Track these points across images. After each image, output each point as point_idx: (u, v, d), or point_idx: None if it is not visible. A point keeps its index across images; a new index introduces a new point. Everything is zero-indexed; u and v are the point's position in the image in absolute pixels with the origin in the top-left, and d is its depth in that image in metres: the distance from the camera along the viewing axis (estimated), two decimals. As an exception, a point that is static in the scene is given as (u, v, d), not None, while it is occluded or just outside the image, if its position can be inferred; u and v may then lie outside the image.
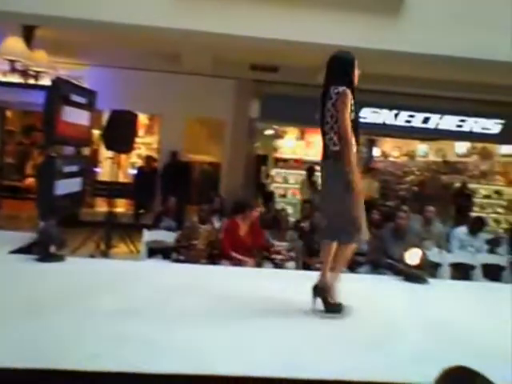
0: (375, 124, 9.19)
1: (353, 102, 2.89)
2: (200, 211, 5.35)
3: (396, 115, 9.16)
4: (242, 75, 8.64)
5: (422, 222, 5.86)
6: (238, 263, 4.72)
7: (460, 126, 9.32)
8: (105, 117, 7.21)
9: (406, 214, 5.20)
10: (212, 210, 5.82)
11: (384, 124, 9.22)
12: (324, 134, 2.99)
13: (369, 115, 9.13)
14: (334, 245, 2.98)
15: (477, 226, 5.97)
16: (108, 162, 7.67)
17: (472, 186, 10.03)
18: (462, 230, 5.95)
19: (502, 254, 5.74)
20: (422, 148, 11.36)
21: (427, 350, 2.53)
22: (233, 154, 9.07)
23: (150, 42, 7.10)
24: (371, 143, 10.94)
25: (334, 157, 2.88)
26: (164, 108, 8.81)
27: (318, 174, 10.50)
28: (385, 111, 9.15)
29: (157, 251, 5.14)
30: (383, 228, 5.56)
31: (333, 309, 2.92)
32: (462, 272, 5.19)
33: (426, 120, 9.22)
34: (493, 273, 5.28)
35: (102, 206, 8.78)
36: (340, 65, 3.01)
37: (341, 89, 2.87)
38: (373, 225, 6.28)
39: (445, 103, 8.90)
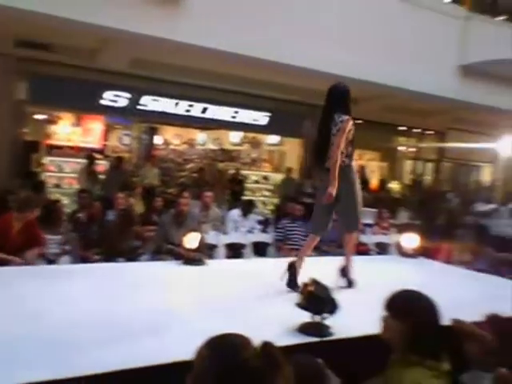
0: (155, 112, 9.27)
1: (353, 127, 3.55)
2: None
3: (176, 104, 9.39)
4: (3, 51, 7.60)
5: (200, 207, 6.20)
6: (4, 263, 4.19)
7: (234, 117, 10.12)
8: None
9: (186, 200, 5.40)
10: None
11: (164, 112, 9.36)
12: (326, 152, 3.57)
13: (149, 103, 9.14)
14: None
15: (248, 208, 6.63)
16: None
17: (244, 172, 11.05)
18: (235, 213, 6.51)
19: (270, 233, 6.50)
20: (201, 136, 11.95)
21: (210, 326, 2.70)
22: (-4, 140, 7.95)
23: None
24: (152, 131, 10.98)
25: (343, 169, 3.56)
26: None
27: (99, 162, 10.02)
28: (165, 100, 9.28)
29: None
30: (164, 214, 5.66)
31: (353, 284, 3.77)
32: (235, 251, 5.70)
33: (204, 110, 9.70)
34: (261, 250, 5.96)
35: None
36: (341, 95, 3.65)
37: (345, 117, 3.51)
38: (155, 212, 6.38)
39: (222, 95, 9.51)
